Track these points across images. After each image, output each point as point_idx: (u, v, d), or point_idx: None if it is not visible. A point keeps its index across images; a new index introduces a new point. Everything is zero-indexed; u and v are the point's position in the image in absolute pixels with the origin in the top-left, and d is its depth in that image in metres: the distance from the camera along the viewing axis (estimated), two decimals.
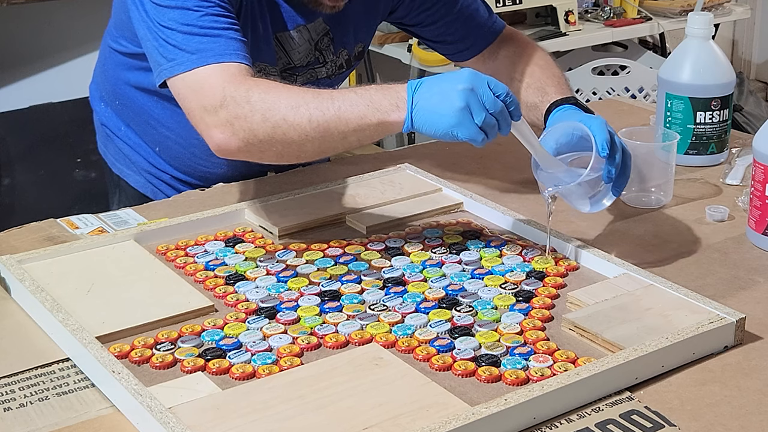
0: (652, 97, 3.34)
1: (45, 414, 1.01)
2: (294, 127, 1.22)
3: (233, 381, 1.04)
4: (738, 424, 0.98)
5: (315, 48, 1.54)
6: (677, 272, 1.28)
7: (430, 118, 1.17)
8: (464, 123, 1.15)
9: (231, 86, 1.25)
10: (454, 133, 1.16)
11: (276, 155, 1.28)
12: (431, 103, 1.17)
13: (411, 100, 1.19)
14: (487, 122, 1.16)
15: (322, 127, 1.22)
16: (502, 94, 1.17)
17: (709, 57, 1.60)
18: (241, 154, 1.28)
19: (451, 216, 1.44)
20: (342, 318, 1.15)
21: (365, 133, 1.23)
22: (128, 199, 1.67)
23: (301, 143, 1.24)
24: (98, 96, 1.69)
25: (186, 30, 1.30)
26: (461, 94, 1.15)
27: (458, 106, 1.15)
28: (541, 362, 1.06)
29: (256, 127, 1.24)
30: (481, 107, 1.15)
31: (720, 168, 1.62)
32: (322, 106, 1.22)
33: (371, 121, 1.21)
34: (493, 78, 1.18)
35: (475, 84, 1.15)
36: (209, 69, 1.28)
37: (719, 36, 3.96)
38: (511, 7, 3.25)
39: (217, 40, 1.30)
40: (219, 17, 1.31)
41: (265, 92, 1.24)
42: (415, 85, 1.20)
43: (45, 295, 1.17)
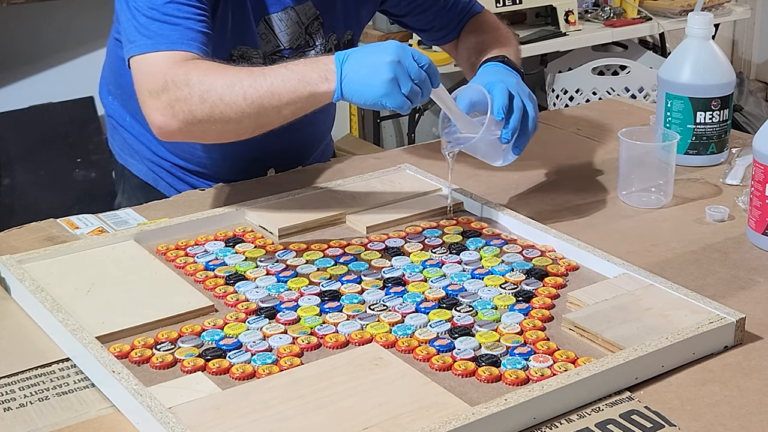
0: (652, 97, 3.34)
1: (45, 414, 1.01)
2: (230, 105, 1.28)
3: (233, 381, 1.04)
4: (738, 424, 0.98)
5: (305, 32, 1.56)
6: (677, 272, 1.28)
7: (359, 89, 1.23)
8: (392, 93, 1.22)
9: (172, 70, 1.31)
10: (382, 102, 1.23)
11: (216, 134, 1.34)
12: (360, 74, 1.23)
13: (340, 71, 1.24)
14: (412, 91, 1.23)
15: (256, 103, 1.27)
16: (425, 64, 1.24)
17: (709, 57, 1.60)
18: (182, 136, 1.35)
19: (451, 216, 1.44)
20: (342, 318, 1.15)
21: (298, 106, 1.28)
22: (132, 188, 1.72)
23: (238, 120, 1.29)
24: (106, 89, 1.73)
25: (150, 14, 1.36)
26: (389, 66, 1.21)
27: (387, 78, 1.21)
28: (541, 362, 1.06)
29: (194, 108, 1.29)
30: (407, 78, 1.22)
31: (720, 168, 1.62)
32: (256, 83, 1.27)
33: (302, 94, 1.26)
34: (415, 49, 1.24)
35: (402, 56, 1.22)
36: (159, 55, 1.34)
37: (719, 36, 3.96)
38: (511, 7, 3.26)
39: (175, 29, 1.35)
40: (184, 6, 1.36)
41: (202, 74, 1.30)
42: (343, 57, 1.25)
43: (45, 295, 1.17)
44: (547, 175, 1.62)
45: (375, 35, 3.25)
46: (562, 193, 1.55)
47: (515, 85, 1.37)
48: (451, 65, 3.12)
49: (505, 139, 1.34)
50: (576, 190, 1.56)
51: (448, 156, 1.37)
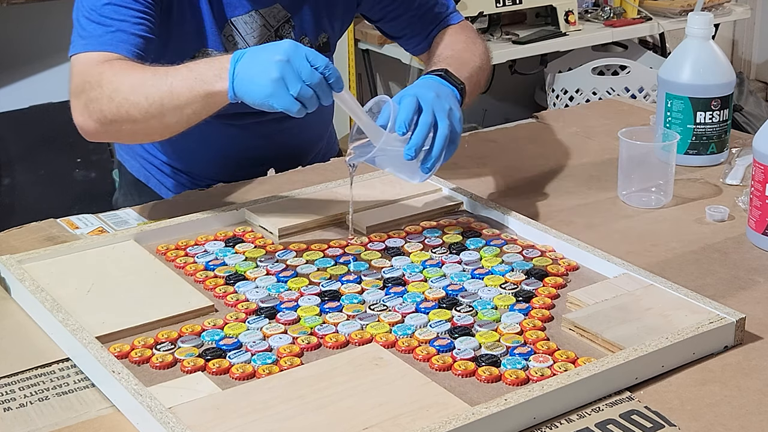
0: (652, 97, 3.34)
1: (45, 414, 1.01)
2: (134, 105, 1.29)
3: (233, 381, 1.04)
4: (738, 424, 0.98)
5: (275, 34, 1.56)
6: (677, 272, 1.28)
7: (248, 88, 1.21)
8: (279, 93, 1.18)
9: (89, 71, 1.33)
10: (269, 102, 1.19)
11: (129, 134, 1.36)
12: (250, 73, 1.20)
13: (233, 70, 1.22)
14: (302, 93, 1.18)
15: (158, 103, 1.27)
16: (320, 66, 1.19)
17: (709, 57, 1.60)
18: (101, 136, 1.36)
19: (451, 216, 1.44)
20: (342, 318, 1.15)
21: (198, 105, 1.27)
22: (127, 184, 1.76)
23: (144, 121, 1.30)
24: None
25: (88, 15, 1.38)
26: (277, 66, 1.17)
27: (273, 77, 1.17)
28: (541, 362, 1.06)
29: (104, 108, 1.31)
30: (297, 79, 1.17)
31: (720, 168, 1.62)
32: (158, 83, 1.28)
33: (199, 93, 1.25)
34: (312, 50, 1.20)
35: (292, 56, 1.18)
36: (88, 55, 1.35)
37: (719, 36, 3.96)
38: (511, 7, 3.26)
39: (107, 30, 1.37)
40: (120, 8, 1.37)
41: (114, 74, 1.31)
42: (239, 55, 1.23)
43: (45, 295, 1.17)
44: (547, 175, 1.62)
45: (375, 35, 3.25)
46: (562, 193, 1.55)
47: (431, 100, 1.28)
48: None
49: (408, 155, 1.24)
50: (576, 190, 1.56)
51: (349, 167, 1.30)
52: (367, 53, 3.40)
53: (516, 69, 3.48)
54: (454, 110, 1.31)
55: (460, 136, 1.31)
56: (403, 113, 1.24)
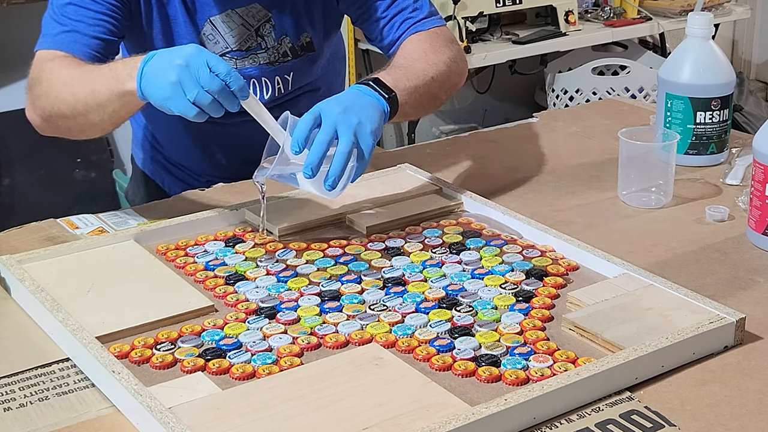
0: (652, 97, 3.34)
1: (45, 414, 1.01)
2: (64, 102, 1.32)
3: (233, 381, 1.04)
4: (738, 424, 0.98)
5: (256, 33, 1.56)
6: (677, 272, 1.28)
7: (151, 89, 1.22)
8: (175, 97, 1.19)
9: (38, 68, 1.37)
10: (166, 105, 1.21)
11: (65, 129, 1.39)
12: (153, 74, 1.22)
13: (141, 70, 1.23)
14: (199, 99, 1.18)
15: (83, 101, 1.30)
16: (221, 72, 1.18)
17: (709, 57, 1.60)
18: (46, 130, 1.42)
19: (451, 216, 1.44)
20: (342, 318, 1.15)
21: (117, 104, 1.29)
22: (137, 176, 1.81)
23: (73, 117, 1.33)
24: None
25: (52, 14, 1.42)
26: (175, 70, 1.18)
27: (171, 81, 1.19)
28: (541, 362, 1.06)
29: (44, 105, 1.36)
30: (195, 84, 1.18)
31: (720, 168, 1.62)
32: (83, 81, 1.31)
33: (115, 91, 1.27)
34: (216, 56, 1.20)
35: (192, 61, 1.18)
36: (43, 53, 1.40)
37: (719, 36, 3.96)
38: (511, 7, 3.26)
39: (63, 29, 1.40)
40: (80, 9, 1.40)
41: (51, 71, 1.35)
42: (150, 56, 1.24)
43: (45, 295, 1.17)
44: (547, 175, 1.62)
45: None
46: (562, 193, 1.55)
47: (335, 114, 1.24)
48: None
49: (305, 174, 1.22)
50: (576, 190, 1.56)
51: (256, 184, 1.29)
52: (367, 53, 3.39)
53: (516, 69, 3.48)
54: (365, 124, 1.26)
55: (371, 152, 1.27)
56: (297, 131, 1.23)
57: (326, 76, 1.72)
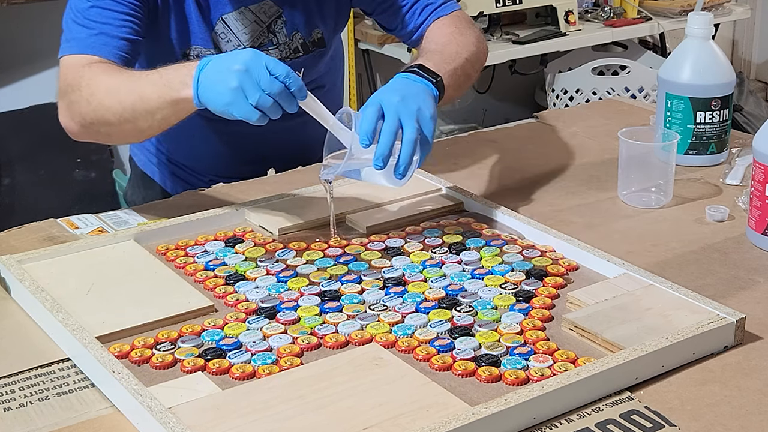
0: (652, 97, 3.34)
1: (45, 414, 1.01)
2: (108, 109, 1.31)
3: (233, 381, 1.04)
4: (738, 424, 0.98)
5: (267, 29, 1.57)
6: (677, 272, 1.28)
7: (210, 96, 1.22)
8: (237, 102, 1.19)
9: (72, 74, 1.36)
10: (229, 111, 1.20)
11: (105, 136, 1.39)
12: (211, 81, 1.22)
13: (197, 77, 1.23)
14: (261, 102, 1.18)
15: (130, 108, 1.29)
16: (281, 75, 1.19)
17: (709, 57, 1.60)
18: (83, 136, 1.41)
19: (451, 216, 1.44)
20: (342, 318, 1.15)
21: (168, 111, 1.28)
22: (136, 177, 1.79)
23: (119, 124, 1.32)
24: None
25: (74, 18, 1.41)
26: (235, 74, 1.18)
27: (232, 86, 1.18)
28: (541, 362, 1.06)
29: (83, 111, 1.34)
30: (256, 88, 1.18)
31: (720, 168, 1.62)
32: (130, 87, 1.30)
33: (167, 99, 1.27)
34: (274, 59, 1.20)
35: (251, 65, 1.18)
36: (73, 58, 1.39)
37: (719, 36, 3.96)
38: (511, 7, 3.26)
39: (90, 33, 1.39)
40: (105, 11, 1.39)
41: (91, 77, 1.34)
42: (205, 62, 1.23)
43: (45, 295, 1.17)
44: (547, 175, 1.62)
45: (375, 35, 3.25)
46: (562, 193, 1.55)
47: (395, 104, 1.25)
48: None
49: (376, 166, 1.23)
50: (576, 190, 1.56)
51: (325, 183, 1.30)
52: (367, 53, 3.39)
53: (516, 69, 3.48)
54: (424, 110, 1.28)
55: (433, 136, 1.29)
56: (363, 124, 1.23)
57: (329, 73, 1.73)
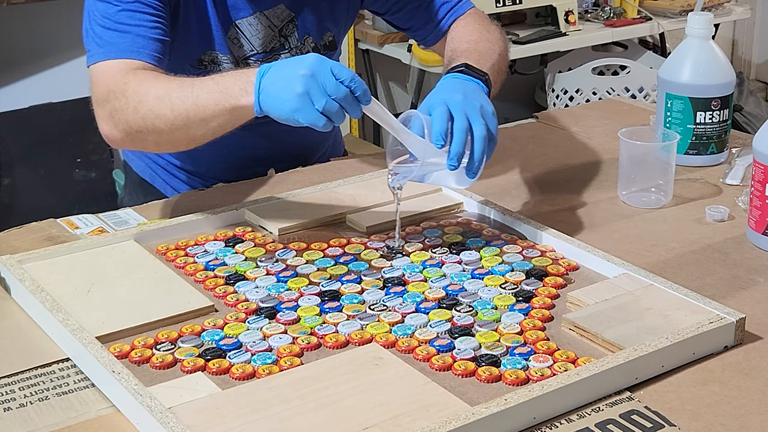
0: (652, 97, 3.34)
1: (45, 414, 1.01)
2: (159, 117, 1.28)
3: (233, 381, 1.04)
4: (738, 424, 0.98)
5: (279, 34, 1.56)
6: (677, 272, 1.28)
7: (274, 103, 1.20)
8: (304, 108, 1.17)
9: (114, 81, 1.32)
10: (294, 117, 1.19)
11: (153, 144, 1.36)
12: (275, 88, 1.20)
13: (258, 84, 1.22)
14: (328, 108, 1.17)
15: (183, 115, 1.27)
16: (346, 79, 1.17)
17: (709, 57, 1.60)
18: (125, 144, 1.37)
19: (451, 216, 1.44)
20: (342, 318, 1.15)
21: (224, 119, 1.27)
22: (133, 184, 1.76)
23: (169, 132, 1.30)
24: None
25: (103, 23, 1.37)
26: (301, 80, 1.16)
27: (298, 92, 1.17)
28: (541, 362, 1.06)
29: (130, 119, 1.31)
30: (322, 93, 1.16)
31: (720, 168, 1.62)
32: (183, 95, 1.27)
33: (225, 107, 1.25)
34: (339, 63, 1.19)
35: (317, 70, 1.17)
36: (110, 64, 1.35)
37: (719, 36, 3.96)
38: (511, 7, 3.25)
39: (125, 36, 1.35)
40: (135, 13, 1.36)
41: (138, 84, 1.30)
42: (265, 69, 1.22)
43: (45, 295, 1.17)
44: (547, 175, 1.62)
45: (375, 35, 3.25)
46: (562, 193, 1.55)
47: (459, 102, 1.26)
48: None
49: (451, 166, 1.23)
50: (576, 190, 1.56)
51: (394, 190, 1.29)
52: (367, 53, 3.39)
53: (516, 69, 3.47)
54: (486, 106, 1.29)
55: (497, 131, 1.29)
56: (437, 125, 1.23)
57: None
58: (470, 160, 1.25)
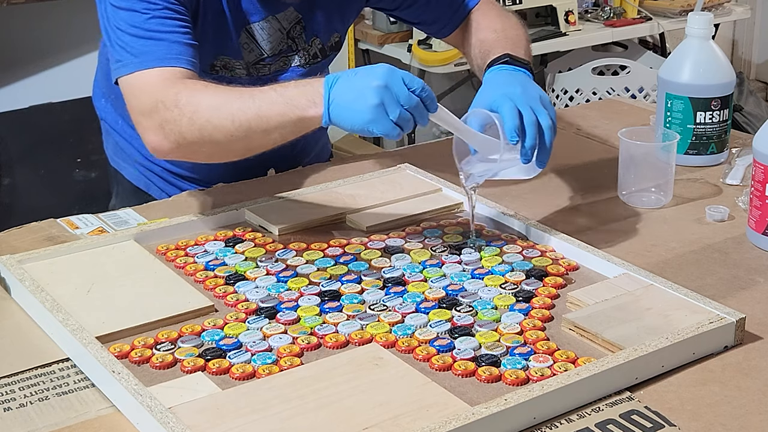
0: (652, 97, 3.34)
1: (45, 414, 1.01)
2: (218, 128, 1.26)
3: (233, 381, 1.04)
4: (738, 424, 0.98)
5: (287, 36, 1.55)
6: (677, 272, 1.28)
7: (346, 114, 1.20)
8: (379, 119, 1.17)
9: (161, 90, 1.30)
10: (369, 128, 1.19)
11: (206, 155, 1.34)
12: (347, 99, 1.20)
13: (328, 96, 1.21)
14: (401, 117, 1.18)
15: (244, 126, 1.25)
16: (417, 88, 1.18)
17: (709, 57, 1.60)
18: (174, 155, 1.33)
19: (451, 216, 1.44)
20: (342, 318, 1.15)
21: (287, 130, 1.26)
22: (125, 193, 1.70)
23: (227, 143, 1.28)
24: (99, 92, 1.72)
25: (133, 32, 1.33)
26: (375, 92, 1.17)
27: (373, 103, 1.17)
28: (541, 362, 1.06)
29: (184, 130, 1.28)
30: (396, 103, 1.17)
31: (720, 168, 1.62)
32: (244, 105, 1.26)
33: (291, 118, 1.24)
34: (408, 73, 1.19)
35: (390, 81, 1.17)
36: (149, 73, 1.32)
37: (719, 36, 3.96)
38: (511, 7, 3.25)
39: (160, 44, 1.33)
40: (166, 20, 1.34)
41: (191, 95, 1.28)
42: (332, 80, 1.22)
43: (45, 295, 1.17)
44: (547, 175, 1.62)
45: (375, 35, 3.25)
46: (562, 193, 1.55)
47: (521, 96, 1.28)
48: (451, 65, 3.12)
49: (526, 159, 1.26)
50: (576, 190, 1.56)
51: (469, 191, 1.30)
52: (367, 53, 3.39)
53: None
54: (543, 95, 1.30)
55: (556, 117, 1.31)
56: (509, 121, 1.24)
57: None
58: (540, 151, 1.27)
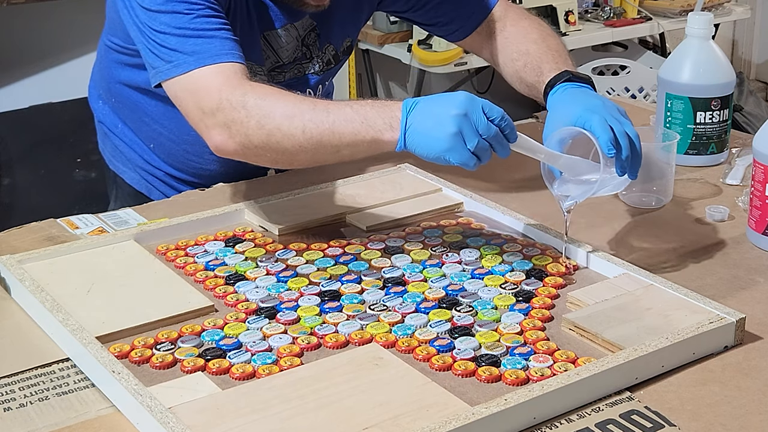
0: (652, 97, 3.34)
1: (45, 414, 1.01)
2: (288, 136, 1.24)
3: (233, 381, 1.04)
4: (738, 424, 0.98)
5: (302, 44, 1.54)
6: (677, 272, 1.28)
7: (422, 141, 1.18)
8: (456, 148, 1.15)
9: (227, 89, 1.27)
10: (446, 157, 1.17)
11: (270, 161, 1.31)
12: (425, 126, 1.17)
13: (405, 121, 1.19)
14: (479, 147, 1.16)
15: (315, 139, 1.23)
16: (496, 118, 1.16)
17: (709, 57, 1.60)
18: (238, 156, 1.30)
19: (451, 216, 1.44)
20: (342, 318, 1.15)
21: (358, 149, 1.24)
22: (124, 196, 1.69)
23: (294, 153, 1.25)
24: (96, 94, 1.70)
25: (180, 33, 1.31)
26: (454, 120, 1.15)
27: (451, 132, 1.15)
28: (541, 362, 1.06)
29: (251, 133, 1.25)
30: (474, 133, 1.15)
31: (720, 168, 1.62)
32: (317, 118, 1.23)
33: (365, 138, 1.22)
34: (488, 102, 1.17)
35: (469, 109, 1.15)
36: (206, 70, 1.29)
37: (719, 36, 3.96)
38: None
39: (212, 41, 1.31)
40: (210, 18, 1.32)
41: (261, 98, 1.26)
42: (411, 105, 1.19)
43: (45, 295, 1.17)
44: None
45: (375, 35, 3.25)
46: None
47: (602, 109, 1.25)
48: (451, 65, 3.12)
49: (622, 171, 1.23)
50: None
51: (566, 212, 1.27)
52: (367, 53, 3.40)
53: None
54: (618, 106, 1.28)
55: None
56: (604, 134, 1.21)
57: None
58: (633, 162, 1.24)
